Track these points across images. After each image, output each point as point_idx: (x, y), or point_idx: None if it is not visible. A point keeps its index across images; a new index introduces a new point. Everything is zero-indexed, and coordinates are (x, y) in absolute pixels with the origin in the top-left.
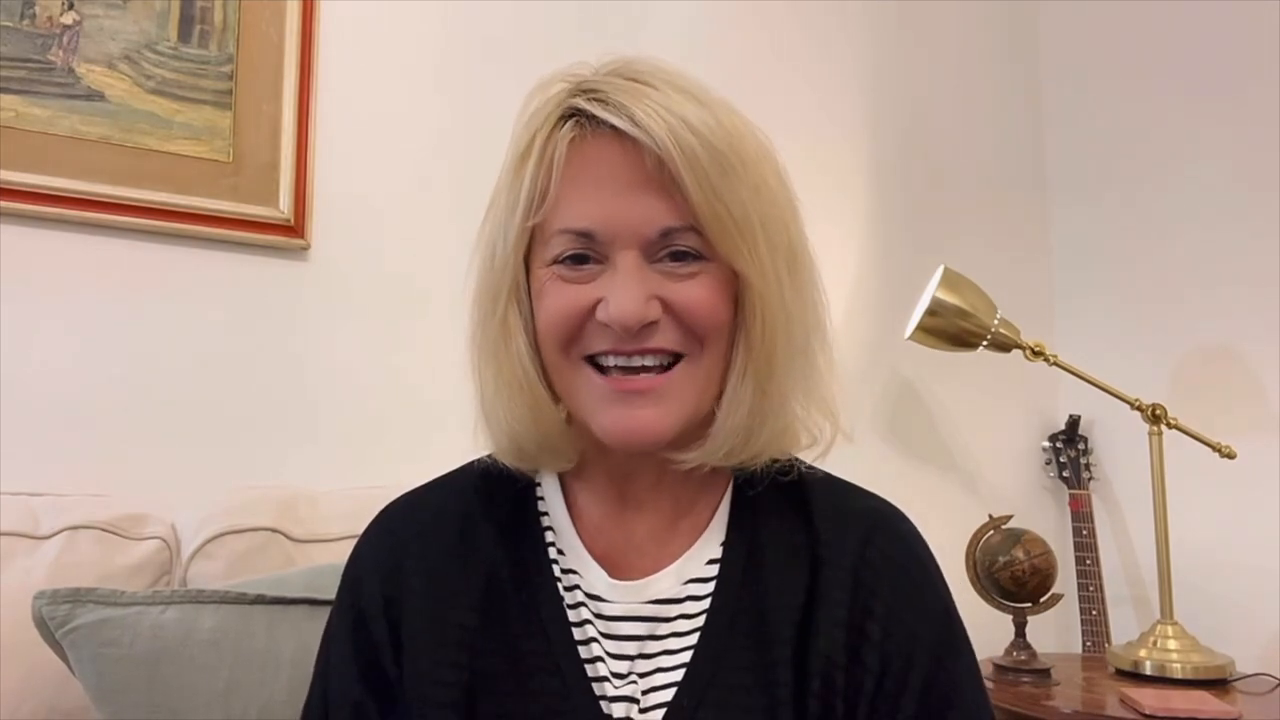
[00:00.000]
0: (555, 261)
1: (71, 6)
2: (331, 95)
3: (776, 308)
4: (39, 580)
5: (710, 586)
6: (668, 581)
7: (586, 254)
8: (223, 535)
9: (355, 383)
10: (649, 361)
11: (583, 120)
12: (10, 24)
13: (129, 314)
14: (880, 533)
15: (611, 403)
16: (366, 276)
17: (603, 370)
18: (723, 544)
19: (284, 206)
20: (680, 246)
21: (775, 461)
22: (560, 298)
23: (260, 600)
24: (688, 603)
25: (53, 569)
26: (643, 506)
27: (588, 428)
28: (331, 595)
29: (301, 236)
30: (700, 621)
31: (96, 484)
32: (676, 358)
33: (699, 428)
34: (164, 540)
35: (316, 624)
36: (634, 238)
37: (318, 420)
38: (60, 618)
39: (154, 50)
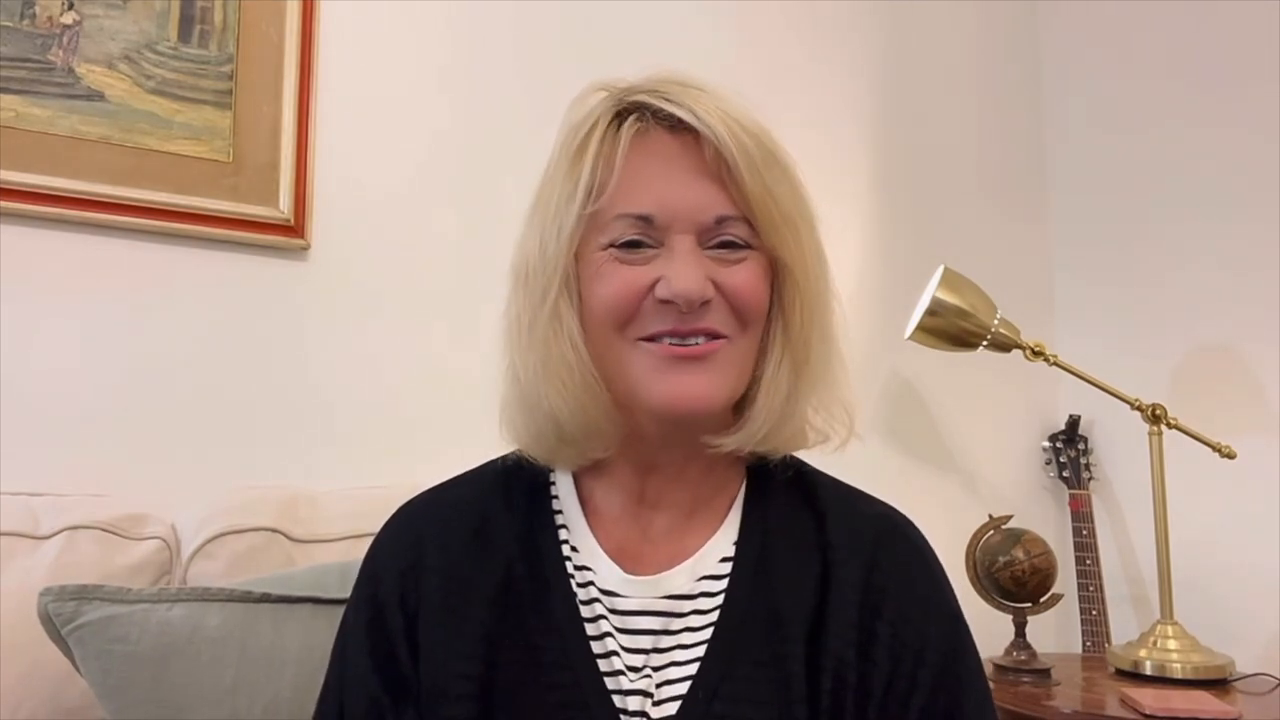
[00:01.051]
0: (612, 245)
1: (71, 6)
2: (331, 95)
3: (814, 297)
4: (39, 580)
5: (723, 584)
6: (681, 578)
7: (642, 239)
8: (223, 535)
9: (355, 382)
10: (700, 340)
11: (644, 115)
12: (10, 24)
13: (129, 314)
14: (890, 538)
15: (665, 370)
16: (366, 276)
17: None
18: (735, 542)
19: (284, 206)
20: (730, 235)
21: (788, 459)
22: (618, 279)
23: (266, 598)
24: (701, 599)
25: (53, 569)
26: (660, 501)
27: (636, 405)
28: (336, 594)
29: (301, 236)
30: (714, 617)
31: (96, 484)
32: (720, 339)
33: (730, 414)
34: (164, 540)
35: (321, 622)
36: (690, 223)
37: (318, 420)
38: (67, 614)
39: (154, 50)
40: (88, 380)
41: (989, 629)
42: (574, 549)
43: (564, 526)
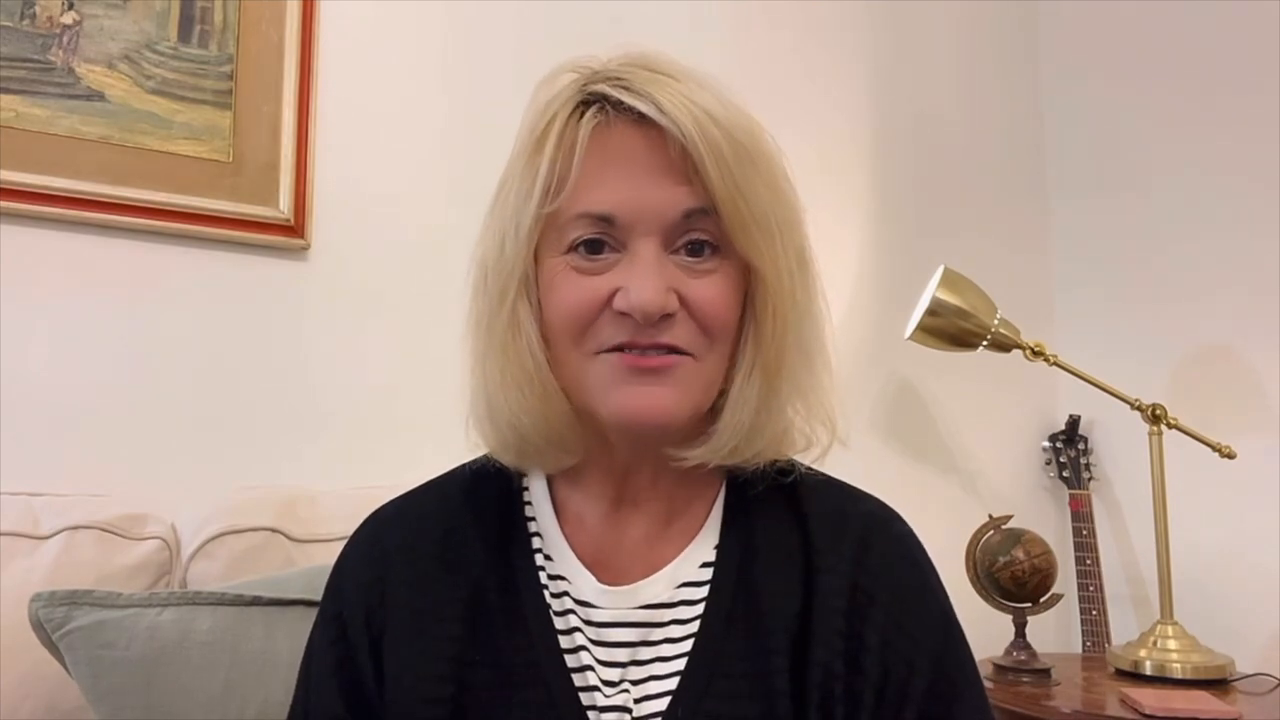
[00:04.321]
0: (570, 249)
1: (71, 6)
2: (331, 95)
3: (788, 304)
4: (39, 580)
5: (704, 591)
6: (660, 586)
7: (603, 240)
8: (223, 535)
9: (355, 383)
10: (660, 351)
11: (605, 106)
12: (10, 24)
13: (129, 314)
14: (877, 537)
15: (624, 382)
16: (366, 277)
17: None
18: (716, 547)
19: (284, 206)
20: (698, 236)
21: (773, 463)
22: (574, 290)
23: (257, 601)
24: (680, 607)
25: (53, 569)
26: (637, 507)
27: (595, 417)
28: None
29: (301, 236)
30: (694, 627)
31: (96, 484)
32: (684, 356)
33: (701, 424)
34: (164, 540)
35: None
36: (655, 223)
37: (318, 420)
38: (57, 620)
39: (154, 50)
40: (88, 380)
41: (989, 629)
42: (548, 558)
43: (537, 534)
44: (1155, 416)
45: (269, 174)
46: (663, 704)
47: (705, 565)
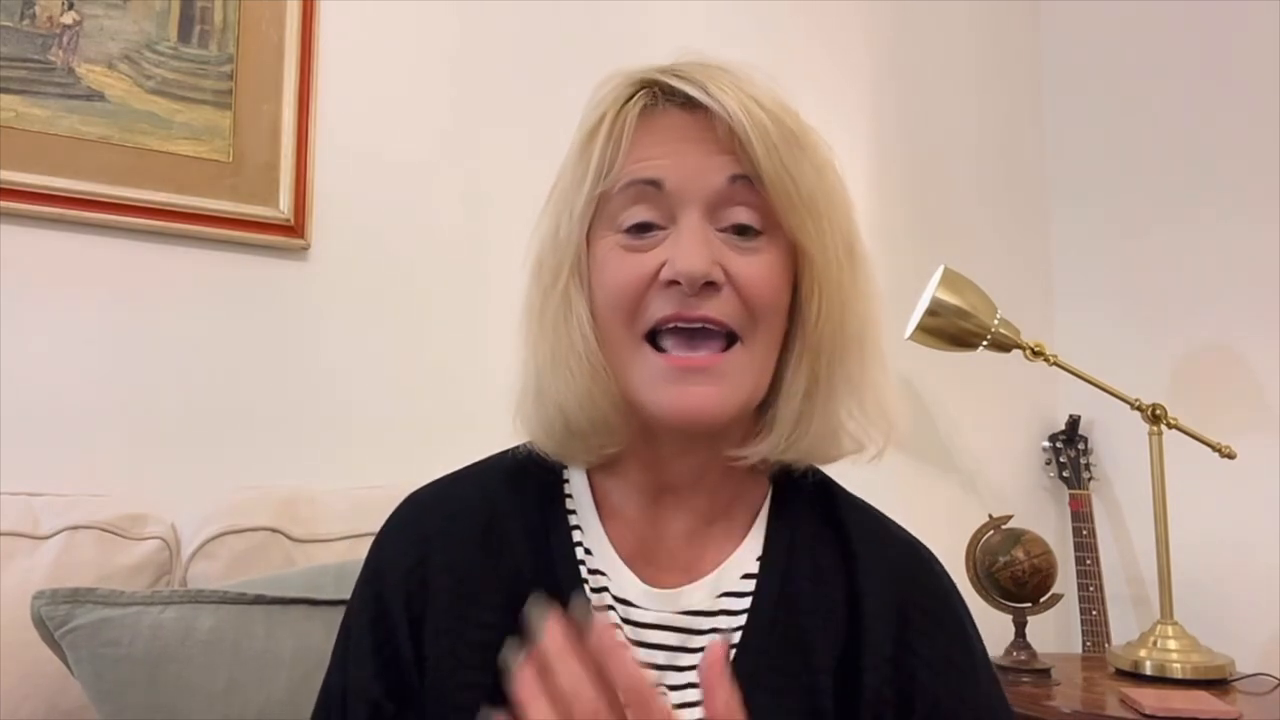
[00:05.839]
0: (619, 230)
1: (71, 6)
2: (331, 95)
3: (834, 289)
4: (39, 580)
5: (745, 602)
6: (702, 594)
7: (650, 221)
8: (223, 535)
9: (355, 383)
10: (711, 328)
11: (655, 91)
12: (10, 24)
13: (129, 314)
14: (922, 570)
15: (669, 381)
16: (366, 277)
17: (660, 350)
18: (759, 558)
19: (284, 206)
20: (744, 215)
21: (814, 470)
22: (623, 266)
23: (259, 600)
24: (721, 617)
25: (53, 569)
26: (679, 502)
27: (640, 408)
28: (331, 595)
29: (301, 236)
30: (735, 638)
31: (96, 484)
32: (732, 340)
33: (750, 421)
34: (164, 540)
35: (315, 624)
36: (701, 190)
37: (318, 420)
38: (59, 618)
39: (154, 50)
40: (88, 380)
41: (989, 629)
42: (588, 552)
43: (577, 528)
44: (1155, 416)
45: (269, 174)
46: (699, 711)
47: (747, 576)
